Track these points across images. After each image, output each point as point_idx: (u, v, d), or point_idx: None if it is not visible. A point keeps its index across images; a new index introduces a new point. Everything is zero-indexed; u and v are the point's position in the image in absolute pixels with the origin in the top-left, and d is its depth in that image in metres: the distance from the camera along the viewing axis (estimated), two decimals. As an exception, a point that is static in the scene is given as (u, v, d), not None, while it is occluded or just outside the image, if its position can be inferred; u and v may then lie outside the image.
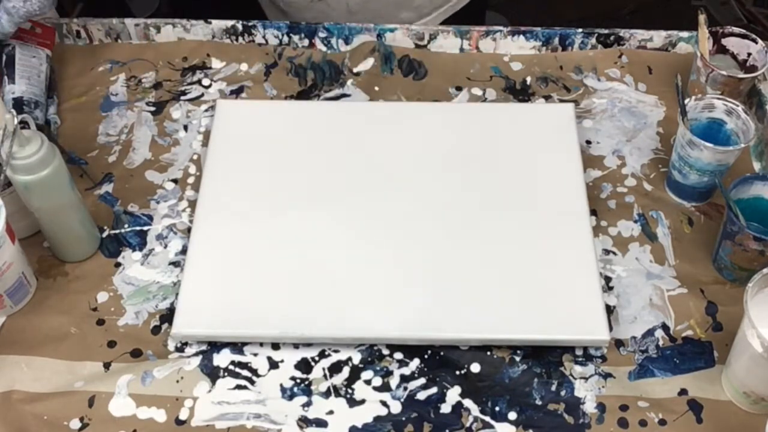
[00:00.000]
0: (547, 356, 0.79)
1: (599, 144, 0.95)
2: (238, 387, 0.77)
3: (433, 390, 0.77)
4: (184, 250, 0.86)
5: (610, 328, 0.79)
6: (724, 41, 0.97)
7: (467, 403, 0.76)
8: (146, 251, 0.86)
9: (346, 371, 0.78)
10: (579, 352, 0.79)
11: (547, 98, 1.00)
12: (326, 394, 0.76)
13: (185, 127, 0.97)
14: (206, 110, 0.98)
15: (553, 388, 0.77)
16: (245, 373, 0.78)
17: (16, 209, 0.82)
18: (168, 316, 0.81)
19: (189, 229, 0.87)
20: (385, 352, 0.79)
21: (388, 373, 0.78)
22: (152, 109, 0.99)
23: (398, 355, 0.79)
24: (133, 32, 1.05)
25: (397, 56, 1.03)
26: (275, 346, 0.79)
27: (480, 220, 0.86)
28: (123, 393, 0.76)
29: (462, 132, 0.94)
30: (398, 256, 0.83)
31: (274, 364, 0.78)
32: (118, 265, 0.85)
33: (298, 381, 0.77)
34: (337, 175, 0.90)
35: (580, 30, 1.04)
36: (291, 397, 0.76)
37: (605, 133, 0.96)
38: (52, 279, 0.84)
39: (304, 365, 0.78)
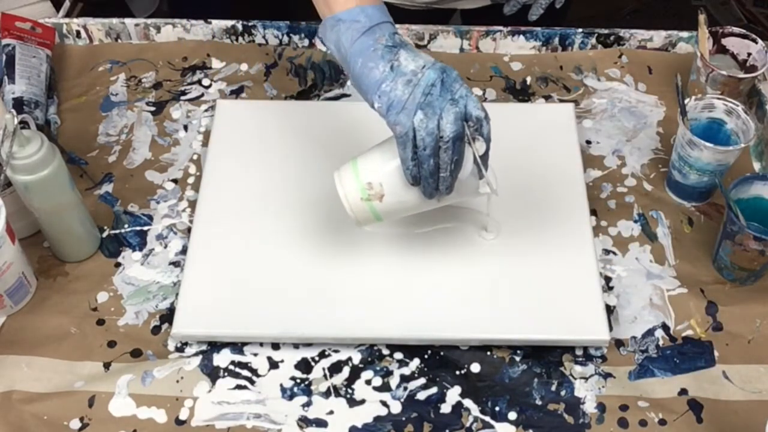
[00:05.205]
0: (547, 356, 0.79)
1: (599, 144, 0.95)
2: (238, 387, 0.77)
3: (433, 390, 0.77)
4: (184, 250, 0.86)
5: (610, 328, 0.79)
6: (724, 41, 0.97)
7: (467, 403, 0.76)
8: (146, 251, 0.86)
9: (346, 371, 0.78)
10: (579, 352, 0.79)
11: (547, 98, 1.00)
12: (326, 394, 0.76)
13: (185, 127, 0.97)
14: (206, 110, 0.98)
15: (553, 388, 0.77)
16: (245, 373, 0.78)
17: (16, 209, 0.82)
18: (168, 316, 0.81)
19: (189, 229, 0.87)
20: (385, 352, 0.79)
21: (388, 373, 0.78)
22: (152, 109, 0.99)
23: (398, 355, 0.79)
24: (133, 32, 1.05)
25: (397, 56, 1.03)
26: (275, 346, 0.79)
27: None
28: (123, 393, 0.76)
29: (462, 132, 0.94)
30: (398, 256, 0.83)
31: (274, 364, 0.78)
32: (118, 265, 0.85)
33: (298, 381, 0.77)
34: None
35: (580, 30, 1.04)
36: (291, 397, 0.76)
37: (605, 133, 0.96)
38: (52, 279, 0.84)
39: (304, 365, 0.78)
